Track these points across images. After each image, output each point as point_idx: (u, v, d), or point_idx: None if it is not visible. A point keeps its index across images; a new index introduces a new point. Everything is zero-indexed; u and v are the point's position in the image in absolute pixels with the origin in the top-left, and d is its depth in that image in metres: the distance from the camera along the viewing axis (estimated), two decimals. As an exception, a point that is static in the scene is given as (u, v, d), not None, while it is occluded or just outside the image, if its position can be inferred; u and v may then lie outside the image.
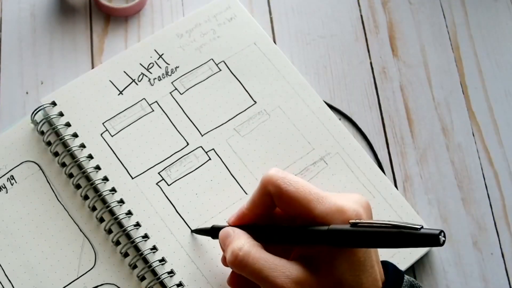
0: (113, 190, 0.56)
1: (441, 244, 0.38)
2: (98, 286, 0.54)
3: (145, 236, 0.54)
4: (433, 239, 0.38)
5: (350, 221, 0.43)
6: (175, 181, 0.56)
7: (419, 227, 0.39)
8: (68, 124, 0.58)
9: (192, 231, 0.55)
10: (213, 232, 0.52)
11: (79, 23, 0.64)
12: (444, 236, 0.39)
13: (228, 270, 0.50)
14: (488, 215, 0.58)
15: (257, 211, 0.49)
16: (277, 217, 0.49)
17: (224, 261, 0.51)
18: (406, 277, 0.48)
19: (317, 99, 0.60)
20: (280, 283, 0.44)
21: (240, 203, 0.55)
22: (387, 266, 0.48)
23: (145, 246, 0.54)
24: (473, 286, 0.56)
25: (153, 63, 0.61)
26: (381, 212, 0.56)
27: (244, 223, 0.49)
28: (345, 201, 0.45)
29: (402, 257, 0.55)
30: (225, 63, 0.61)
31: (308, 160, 0.58)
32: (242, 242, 0.46)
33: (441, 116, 0.62)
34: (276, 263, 0.45)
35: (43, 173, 0.57)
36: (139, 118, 0.59)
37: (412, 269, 0.56)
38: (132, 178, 0.56)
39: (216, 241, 0.54)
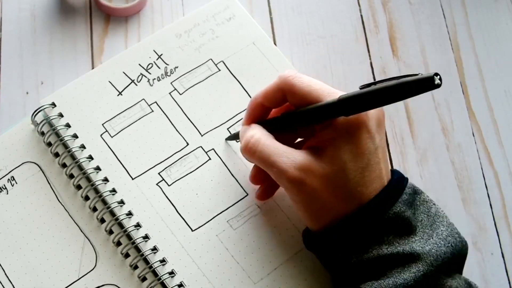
0: (114, 191, 0.56)
1: (437, 86, 0.40)
2: (99, 287, 0.54)
3: (146, 237, 0.54)
4: (429, 82, 0.40)
5: (360, 86, 0.46)
6: (176, 181, 0.57)
7: (417, 73, 0.42)
8: (68, 125, 0.58)
9: (226, 139, 0.58)
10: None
11: (79, 23, 0.64)
12: (440, 80, 0.40)
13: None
14: (488, 215, 0.59)
15: (268, 104, 0.52)
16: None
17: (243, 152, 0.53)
18: (410, 182, 0.50)
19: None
20: (285, 167, 0.48)
21: (241, 203, 0.56)
22: (393, 172, 0.50)
23: (146, 247, 0.54)
24: (473, 286, 0.56)
25: (152, 64, 0.61)
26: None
27: (256, 114, 0.53)
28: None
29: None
30: (224, 63, 0.61)
31: (308, 160, 0.58)
32: (255, 132, 0.50)
33: (441, 116, 0.62)
34: (284, 150, 0.49)
35: (44, 174, 0.57)
36: (138, 119, 0.59)
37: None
38: (133, 179, 0.56)
39: (216, 240, 0.54)
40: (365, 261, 0.47)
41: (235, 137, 0.57)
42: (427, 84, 0.40)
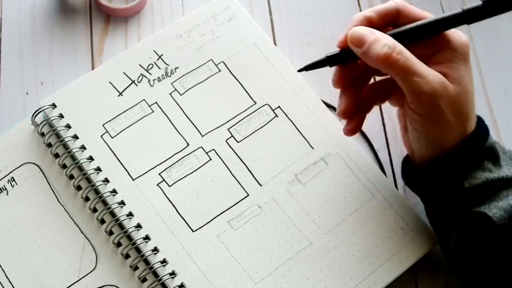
0: (114, 191, 0.56)
1: None
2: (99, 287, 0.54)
3: (146, 238, 0.54)
4: None
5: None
6: (176, 182, 0.57)
7: None
8: (68, 126, 0.58)
9: (302, 69, 0.55)
10: (331, 60, 0.54)
11: (79, 24, 0.64)
12: None
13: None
14: (488, 215, 0.59)
15: (377, 18, 0.52)
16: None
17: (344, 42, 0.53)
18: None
19: (316, 99, 0.60)
20: (430, 77, 0.49)
21: (242, 203, 0.56)
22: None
23: (146, 248, 0.54)
24: (473, 286, 0.56)
25: (152, 64, 0.61)
26: (381, 211, 0.56)
27: (360, 25, 0.52)
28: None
29: (404, 256, 0.55)
30: (224, 64, 0.61)
31: (308, 160, 0.58)
32: (390, 40, 0.50)
33: (441, 116, 0.62)
34: (422, 63, 0.49)
35: (44, 174, 0.57)
36: (139, 119, 0.58)
37: (413, 269, 0.56)
38: (133, 180, 0.56)
39: (217, 240, 0.54)
40: (475, 186, 0.50)
41: (318, 64, 0.54)
42: None
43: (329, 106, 0.61)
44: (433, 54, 0.51)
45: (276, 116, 0.59)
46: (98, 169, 0.56)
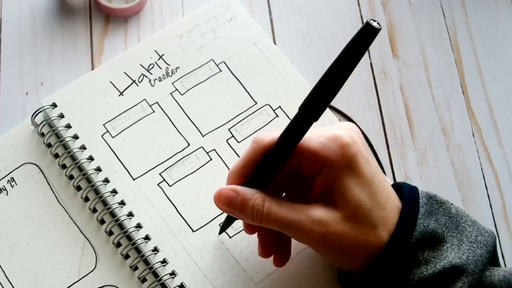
0: (114, 191, 0.56)
1: (377, 29, 0.40)
2: None
3: (146, 238, 0.54)
4: (369, 31, 0.41)
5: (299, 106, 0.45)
6: (177, 182, 0.56)
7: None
8: (68, 126, 0.58)
9: (219, 234, 0.54)
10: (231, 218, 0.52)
11: (79, 24, 0.64)
12: (378, 23, 0.40)
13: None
14: (488, 216, 0.59)
15: (249, 172, 0.48)
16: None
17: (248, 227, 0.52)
18: (420, 190, 0.49)
19: (317, 99, 0.60)
20: (304, 225, 0.46)
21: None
22: (402, 187, 0.49)
23: (146, 248, 0.54)
24: (474, 286, 0.56)
25: (153, 64, 0.61)
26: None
27: (241, 182, 0.49)
28: (337, 129, 0.48)
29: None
30: (225, 64, 0.61)
31: (309, 161, 0.58)
32: (257, 196, 0.47)
33: (441, 116, 0.62)
34: (296, 207, 0.47)
35: (44, 175, 0.57)
36: (140, 119, 0.58)
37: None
38: (133, 179, 0.56)
39: (218, 241, 0.54)
40: None
41: (226, 224, 0.53)
42: (367, 33, 0.41)
43: (329, 106, 0.61)
44: (317, 175, 0.47)
45: (277, 116, 0.59)
46: (98, 169, 0.56)
